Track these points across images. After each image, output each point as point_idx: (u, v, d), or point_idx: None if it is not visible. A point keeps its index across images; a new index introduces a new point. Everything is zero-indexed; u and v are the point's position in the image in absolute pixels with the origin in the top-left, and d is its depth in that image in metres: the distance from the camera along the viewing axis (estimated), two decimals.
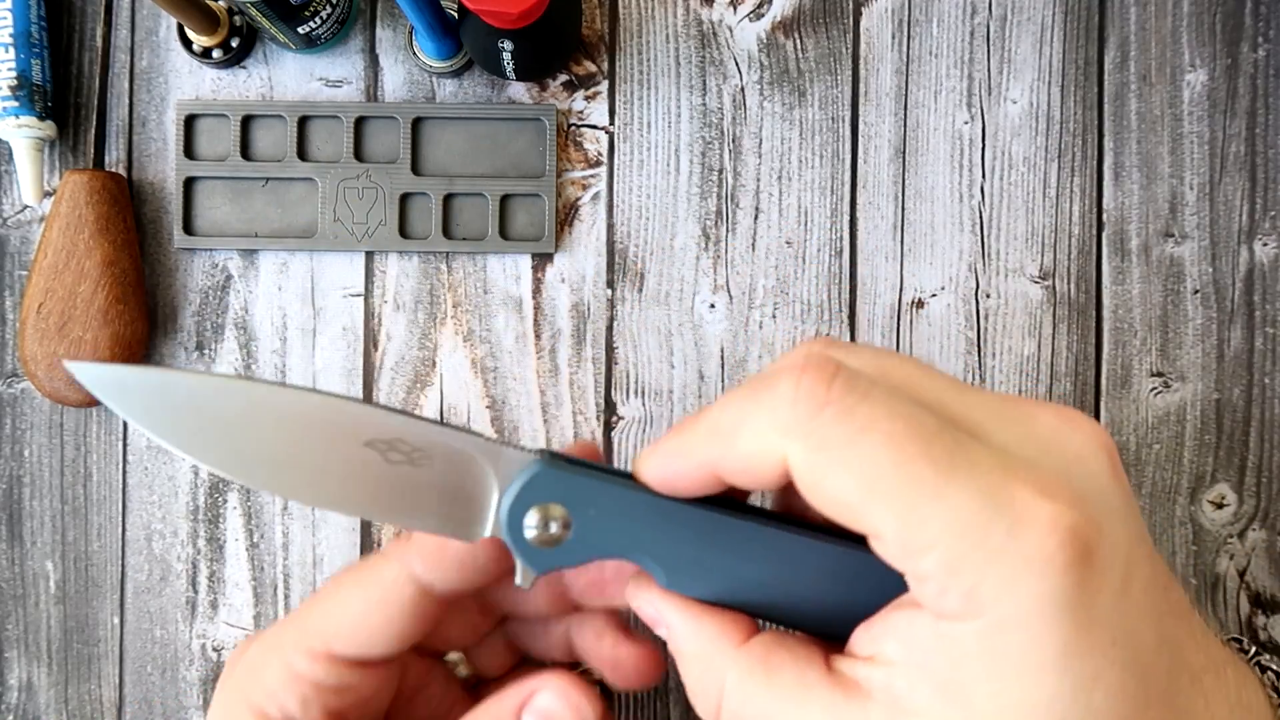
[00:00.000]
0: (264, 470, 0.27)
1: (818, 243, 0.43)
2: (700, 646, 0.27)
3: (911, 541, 0.23)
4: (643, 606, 0.29)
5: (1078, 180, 0.43)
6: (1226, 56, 0.43)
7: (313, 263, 0.43)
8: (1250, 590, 0.42)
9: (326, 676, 0.29)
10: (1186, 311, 0.42)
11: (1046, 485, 0.23)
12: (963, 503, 0.23)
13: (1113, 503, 0.24)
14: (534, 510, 0.27)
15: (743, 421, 0.25)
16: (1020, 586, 0.22)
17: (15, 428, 0.42)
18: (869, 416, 0.23)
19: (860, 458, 0.23)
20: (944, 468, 0.23)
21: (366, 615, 0.29)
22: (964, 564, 0.23)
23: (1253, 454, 0.42)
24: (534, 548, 0.28)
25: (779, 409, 0.24)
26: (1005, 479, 0.23)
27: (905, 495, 0.23)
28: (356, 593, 0.29)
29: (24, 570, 0.42)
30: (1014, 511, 0.22)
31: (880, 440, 0.23)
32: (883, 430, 0.23)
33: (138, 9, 0.43)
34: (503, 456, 0.28)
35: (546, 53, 0.40)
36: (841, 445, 0.23)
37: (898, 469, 0.23)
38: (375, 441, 0.27)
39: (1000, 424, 0.24)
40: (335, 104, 0.42)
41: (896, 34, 0.43)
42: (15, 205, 0.43)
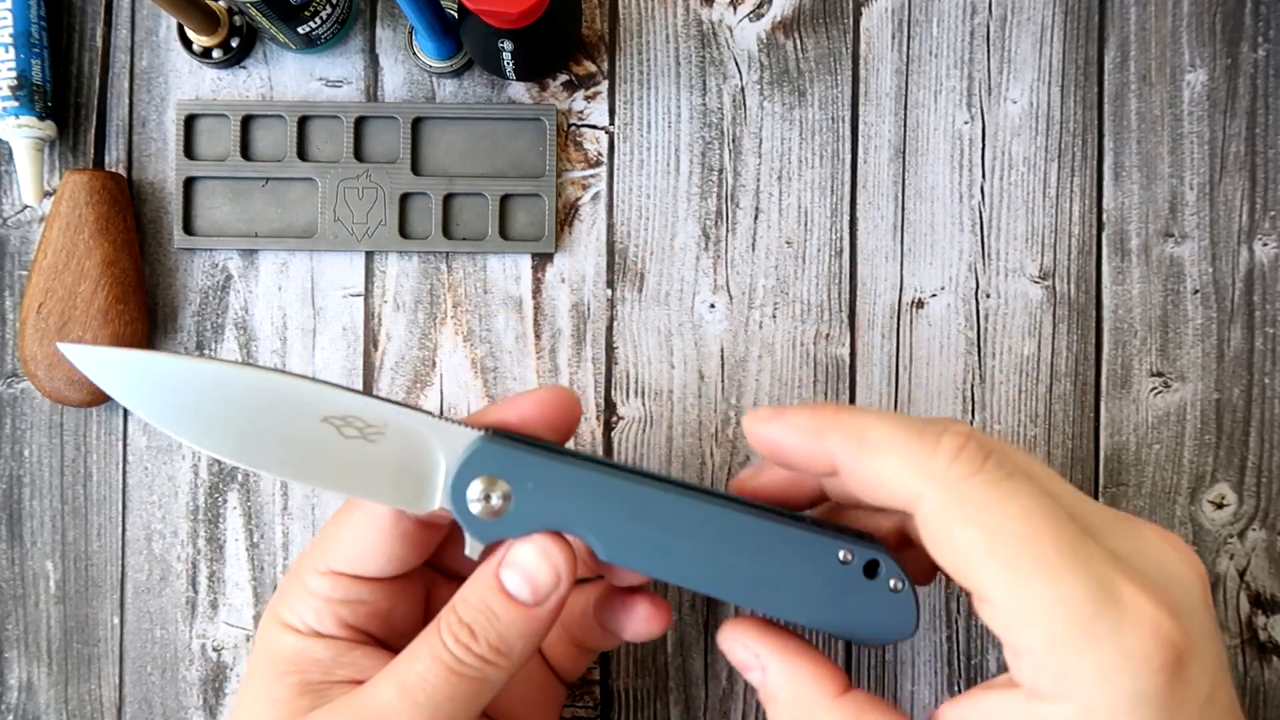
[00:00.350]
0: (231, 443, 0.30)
1: (818, 243, 0.43)
2: (796, 693, 0.30)
3: (1020, 612, 0.25)
4: (737, 650, 0.31)
5: (1078, 180, 0.43)
6: (1226, 56, 0.43)
7: (313, 263, 0.43)
8: (1250, 590, 0.42)
9: (334, 591, 0.31)
10: (1186, 311, 0.42)
11: (1153, 591, 0.25)
12: (1076, 588, 0.25)
13: (1205, 624, 0.26)
14: (476, 483, 0.30)
15: (893, 448, 0.28)
16: (1115, 678, 0.24)
17: (15, 428, 0.42)
18: (1012, 491, 0.26)
19: (994, 522, 0.26)
20: (1066, 552, 0.25)
21: (356, 538, 0.31)
22: (1066, 645, 0.25)
23: (1253, 454, 0.42)
24: (478, 519, 0.30)
25: (936, 458, 0.27)
26: (1117, 576, 0.25)
27: (1025, 566, 0.25)
28: (347, 519, 0.32)
29: (24, 570, 0.42)
30: (1120, 607, 0.25)
31: (1016, 512, 0.26)
32: (1021, 505, 0.26)
33: (138, 9, 0.43)
34: (448, 433, 0.30)
35: (546, 53, 0.40)
36: (980, 506, 0.26)
37: (1025, 541, 0.25)
38: (331, 418, 0.30)
39: (1113, 531, 0.27)
40: (335, 104, 0.42)
41: (896, 34, 0.43)
42: (15, 205, 0.43)
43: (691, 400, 0.42)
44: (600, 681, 0.42)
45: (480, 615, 0.30)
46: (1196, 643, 0.25)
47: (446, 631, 0.30)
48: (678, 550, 0.30)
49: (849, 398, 0.42)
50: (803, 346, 0.42)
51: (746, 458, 0.42)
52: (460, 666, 0.29)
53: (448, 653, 0.29)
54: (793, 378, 0.42)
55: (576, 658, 0.37)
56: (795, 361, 0.42)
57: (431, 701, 0.29)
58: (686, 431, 0.42)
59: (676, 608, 0.42)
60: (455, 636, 0.29)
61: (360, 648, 0.32)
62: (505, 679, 0.30)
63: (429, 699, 0.29)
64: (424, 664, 0.29)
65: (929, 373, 0.42)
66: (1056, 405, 0.42)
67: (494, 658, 0.29)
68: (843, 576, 0.30)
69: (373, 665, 0.31)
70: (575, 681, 0.41)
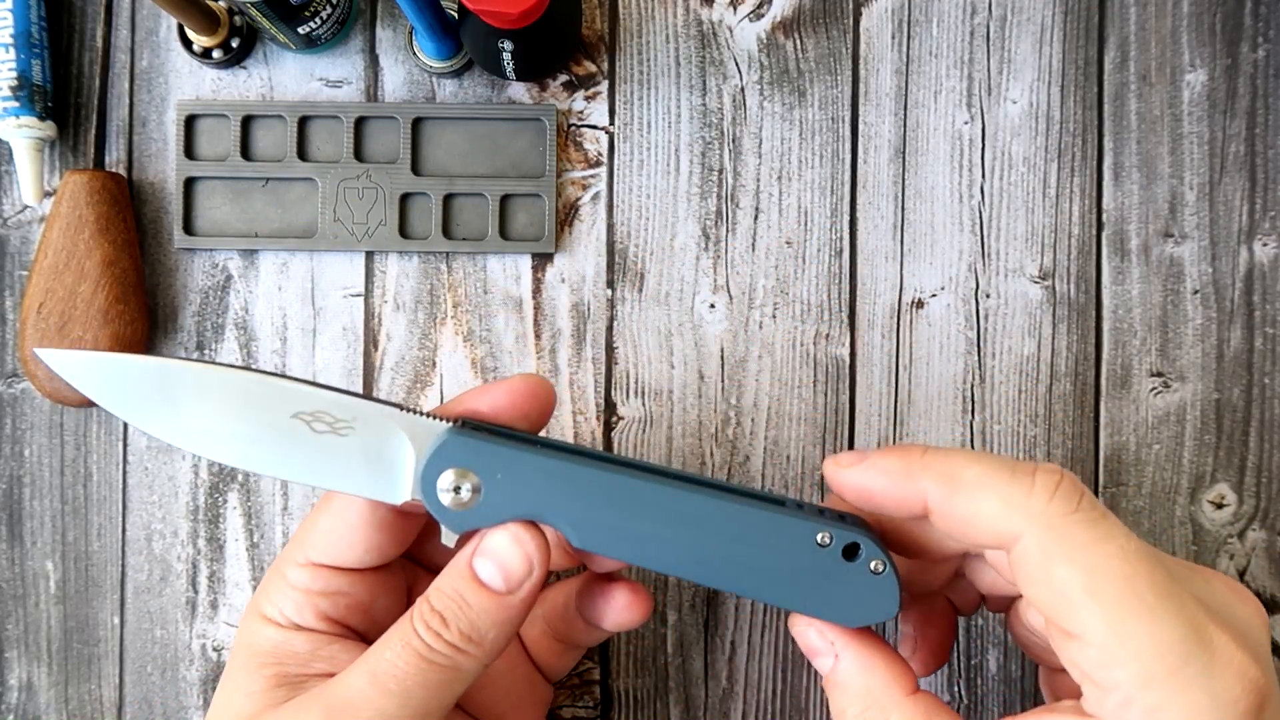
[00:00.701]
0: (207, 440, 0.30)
1: (818, 243, 0.43)
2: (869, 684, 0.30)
3: (1115, 650, 0.26)
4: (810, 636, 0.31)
5: (1078, 180, 0.43)
6: (1226, 56, 0.43)
7: (313, 263, 0.43)
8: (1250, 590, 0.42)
9: (313, 583, 0.32)
10: (1186, 311, 0.42)
11: (1239, 637, 0.26)
12: (1171, 629, 0.25)
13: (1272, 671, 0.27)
14: (446, 475, 0.30)
15: (989, 487, 0.28)
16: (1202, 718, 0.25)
17: (15, 428, 0.42)
18: (1109, 532, 0.27)
19: (1093, 561, 0.26)
20: (1162, 593, 0.26)
21: (333, 527, 0.32)
22: (1158, 684, 0.25)
23: (1253, 454, 0.42)
24: (450, 510, 0.30)
25: (1034, 497, 0.27)
26: (1209, 621, 0.26)
27: (1123, 605, 0.26)
28: (325, 509, 0.32)
29: (24, 570, 0.42)
30: (1212, 651, 0.25)
31: (1116, 552, 0.26)
32: (1119, 545, 0.26)
33: (138, 9, 0.43)
34: (418, 425, 0.30)
35: (546, 53, 0.40)
36: (1081, 545, 0.27)
37: (1124, 581, 0.26)
38: (300, 414, 0.30)
39: (1189, 577, 0.28)
40: (335, 104, 0.42)
41: (896, 34, 0.43)
42: (15, 205, 0.43)
43: (691, 400, 0.42)
44: (600, 681, 0.42)
45: (452, 603, 0.30)
46: (1272, 688, 0.26)
47: (419, 619, 0.30)
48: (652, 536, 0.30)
49: (849, 398, 0.42)
50: (803, 346, 0.42)
51: (746, 458, 0.42)
52: (431, 654, 0.29)
53: (419, 640, 0.29)
54: (793, 378, 0.42)
55: (561, 654, 0.37)
56: (795, 361, 0.42)
57: (403, 689, 0.28)
58: (686, 431, 0.42)
59: (676, 608, 0.42)
60: (427, 624, 0.29)
61: (339, 641, 0.32)
62: (478, 669, 0.30)
63: (400, 686, 0.28)
64: (395, 651, 0.29)
65: (929, 373, 0.42)
66: (1056, 405, 0.42)
67: (466, 646, 0.29)
68: (822, 559, 0.30)
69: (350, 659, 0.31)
70: (562, 679, 0.41)
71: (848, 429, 0.42)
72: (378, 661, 0.29)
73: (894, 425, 0.42)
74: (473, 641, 0.29)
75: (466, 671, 0.30)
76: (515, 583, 0.30)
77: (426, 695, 0.29)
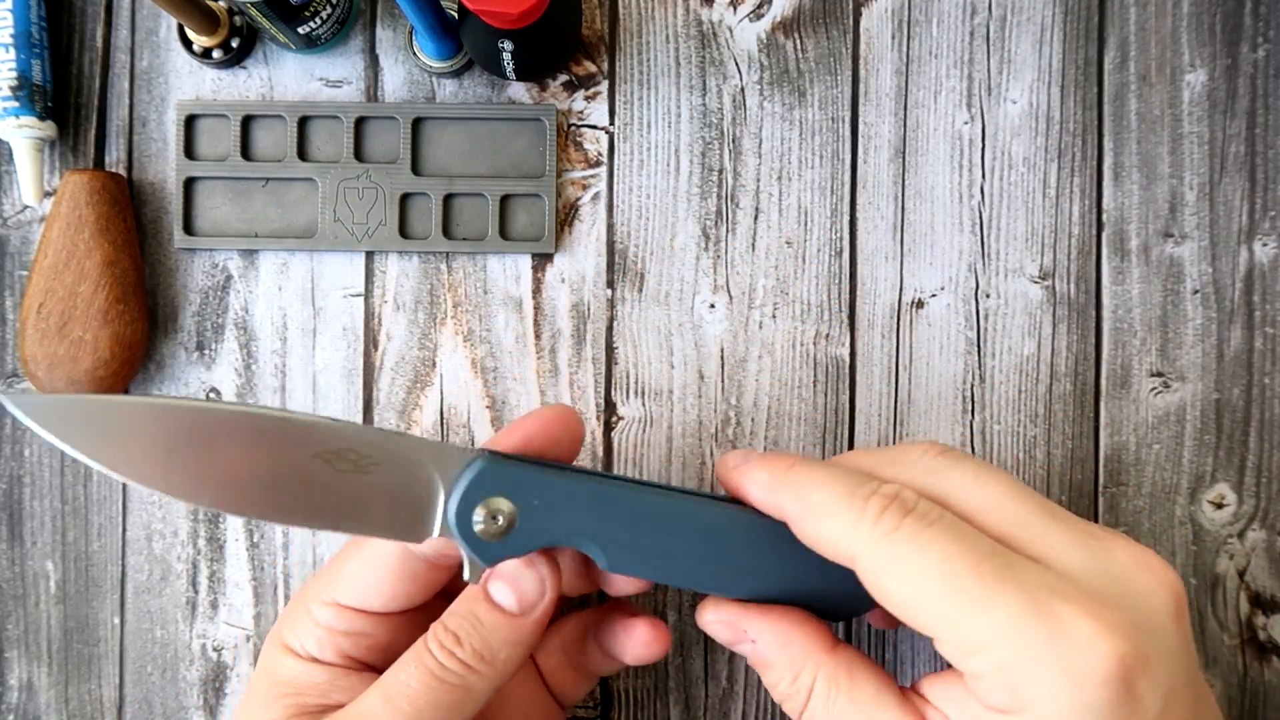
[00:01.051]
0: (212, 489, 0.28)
1: (818, 243, 0.43)
2: (790, 655, 0.31)
3: (962, 644, 0.28)
4: (720, 630, 0.33)
5: (1078, 180, 0.43)
6: (1226, 56, 0.43)
7: (313, 263, 0.43)
8: (1250, 590, 0.42)
9: (337, 623, 0.32)
10: (1186, 311, 0.42)
11: (1095, 609, 0.27)
12: (1006, 615, 0.27)
13: (1166, 642, 0.28)
14: (481, 505, 0.30)
15: (829, 511, 0.30)
16: (1060, 693, 0.26)
17: (15, 428, 0.42)
18: (930, 540, 0.28)
19: (916, 571, 0.28)
20: (991, 584, 0.27)
21: (360, 573, 0.32)
22: (1009, 668, 0.27)
23: (1253, 454, 0.42)
24: (483, 541, 0.30)
25: (863, 522, 0.29)
26: (1052, 598, 0.27)
27: (952, 605, 0.27)
28: (356, 553, 0.33)
29: (24, 570, 0.42)
30: (1057, 625, 0.26)
31: (935, 558, 0.28)
32: (939, 551, 0.28)
33: (138, 9, 0.43)
34: (447, 456, 0.30)
35: (546, 53, 0.40)
36: (903, 560, 0.28)
37: (948, 583, 0.27)
38: (323, 452, 0.29)
39: (1074, 552, 0.29)
40: (335, 104, 0.42)
41: (896, 34, 0.43)
42: (15, 205, 0.43)
43: (691, 400, 0.42)
44: (600, 681, 0.42)
45: (466, 623, 0.30)
46: (1149, 658, 0.27)
47: (433, 640, 0.30)
48: (679, 552, 0.31)
49: (849, 398, 0.42)
50: (803, 346, 0.42)
51: None
52: (444, 673, 0.29)
53: (432, 659, 0.29)
54: (793, 378, 0.42)
55: (576, 682, 0.37)
56: (795, 362, 0.42)
57: (415, 708, 0.29)
58: (686, 431, 0.42)
59: (676, 608, 0.42)
60: (441, 644, 0.30)
61: (358, 674, 0.32)
62: (489, 690, 0.30)
63: (413, 706, 0.29)
64: (408, 672, 0.29)
65: (929, 373, 0.42)
66: (1056, 405, 0.42)
67: (478, 664, 0.30)
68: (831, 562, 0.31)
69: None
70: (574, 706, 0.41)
71: (848, 429, 0.42)
72: (392, 683, 0.29)
73: (894, 425, 0.42)
74: (485, 661, 0.30)
75: (478, 692, 0.30)
76: (528, 604, 0.30)
77: (438, 715, 0.29)
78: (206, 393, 0.42)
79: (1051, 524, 0.30)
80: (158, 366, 0.43)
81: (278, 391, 0.42)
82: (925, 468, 0.31)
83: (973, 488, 0.30)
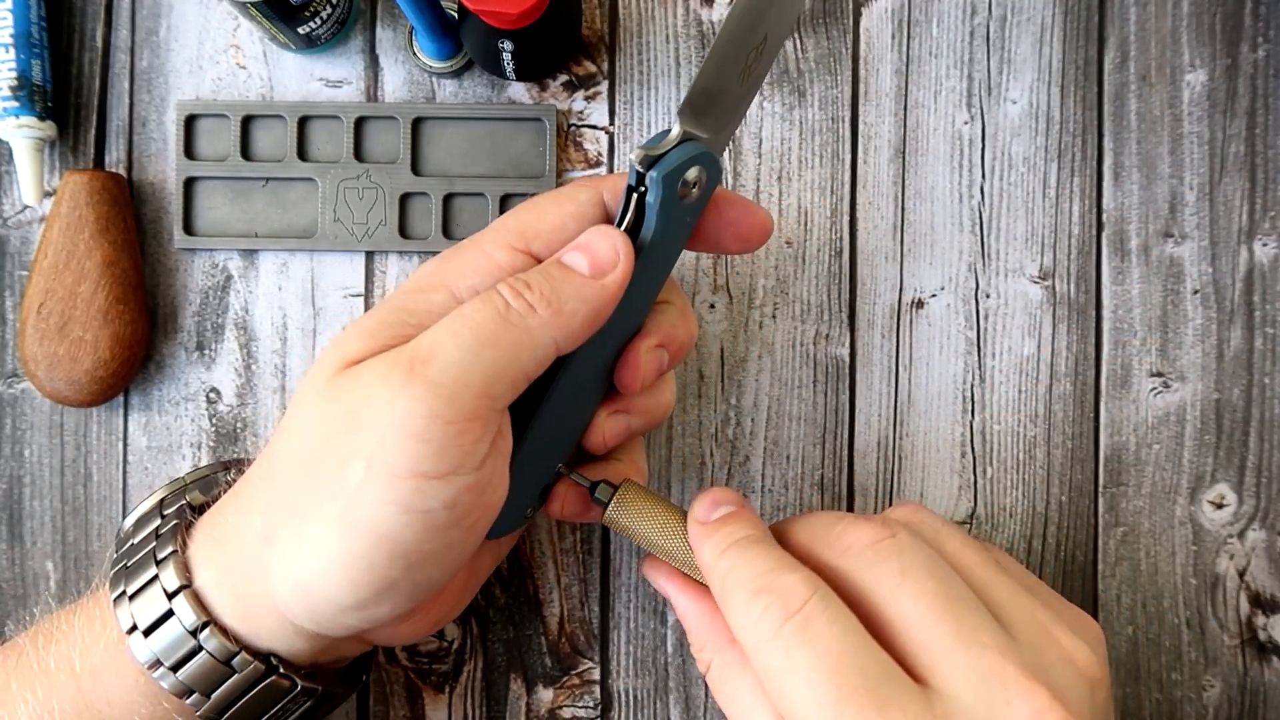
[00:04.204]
0: None
1: (818, 243, 0.43)
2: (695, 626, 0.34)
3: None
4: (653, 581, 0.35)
5: (1078, 180, 0.43)
6: (1226, 56, 0.43)
7: (313, 263, 0.43)
8: (1250, 590, 0.42)
9: (520, 268, 0.31)
10: (1186, 311, 0.42)
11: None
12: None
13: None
14: (692, 170, 0.31)
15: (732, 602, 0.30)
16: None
17: (15, 428, 0.42)
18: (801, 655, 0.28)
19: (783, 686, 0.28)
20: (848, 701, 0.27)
21: (563, 223, 0.32)
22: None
23: (1253, 454, 0.42)
24: (680, 203, 0.31)
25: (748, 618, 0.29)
26: (888, 705, 0.27)
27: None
28: (554, 208, 0.32)
29: (24, 570, 0.42)
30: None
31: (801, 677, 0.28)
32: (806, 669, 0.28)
33: (138, 9, 0.43)
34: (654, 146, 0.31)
35: (546, 53, 0.40)
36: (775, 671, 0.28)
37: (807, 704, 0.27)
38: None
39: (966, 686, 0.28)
40: (335, 104, 0.42)
41: (896, 34, 0.43)
42: (15, 205, 0.43)
43: (691, 400, 0.42)
44: (600, 681, 0.42)
45: (537, 274, 0.30)
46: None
47: (504, 284, 0.30)
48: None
49: (849, 398, 0.42)
50: (803, 346, 0.42)
51: (746, 458, 0.42)
52: (507, 311, 0.29)
53: (499, 298, 0.29)
54: (792, 378, 0.42)
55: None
56: (795, 361, 0.42)
57: (477, 340, 0.28)
58: (687, 431, 0.42)
59: None
60: (511, 286, 0.30)
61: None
62: (549, 342, 0.30)
63: (474, 336, 0.28)
64: (473, 307, 0.29)
65: (929, 373, 0.42)
66: (1056, 405, 0.42)
67: (541, 307, 0.29)
68: None
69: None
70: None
71: (848, 429, 0.42)
72: (458, 315, 0.29)
73: (894, 425, 0.42)
74: (550, 305, 0.29)
75: (538, 337, 0.29)
76: (601, 269, 0.30)
77: (497, 355, 0.29)
78: (206, 393, 0.42)
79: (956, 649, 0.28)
80: (158, 366, 0.43)
81: (277, 391, 0.42)
82: (857, 557, 0.31)
83: (892, 593, 0.29)
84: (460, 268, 0.31)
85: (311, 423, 0.29)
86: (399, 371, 0.28)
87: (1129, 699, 0.42)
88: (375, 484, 0.28)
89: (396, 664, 0.42)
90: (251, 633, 0.31)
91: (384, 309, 0.31)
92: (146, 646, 0.30)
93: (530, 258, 0.31)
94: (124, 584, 0.31)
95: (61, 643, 0.31)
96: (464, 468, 0.28)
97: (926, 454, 0.42)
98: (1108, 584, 0.42)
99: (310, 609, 0.29)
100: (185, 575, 0.31)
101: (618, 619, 0.42)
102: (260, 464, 0.31)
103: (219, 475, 0.36)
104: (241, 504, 0.31)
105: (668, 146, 0.30)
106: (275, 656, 0.31)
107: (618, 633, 0.42)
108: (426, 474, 0.28)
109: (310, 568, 0.29)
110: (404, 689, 0.42)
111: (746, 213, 0.34)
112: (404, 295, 0.31)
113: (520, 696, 0.42)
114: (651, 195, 0.31)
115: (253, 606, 0.30)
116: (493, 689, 0.42)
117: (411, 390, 0.27)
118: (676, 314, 0.34)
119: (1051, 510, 0.42)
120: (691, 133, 0.31)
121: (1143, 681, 0.42)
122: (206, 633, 0.30)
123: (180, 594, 0.30)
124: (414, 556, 0.29)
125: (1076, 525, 0.42)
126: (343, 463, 0.28)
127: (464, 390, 0.28)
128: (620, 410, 0.35)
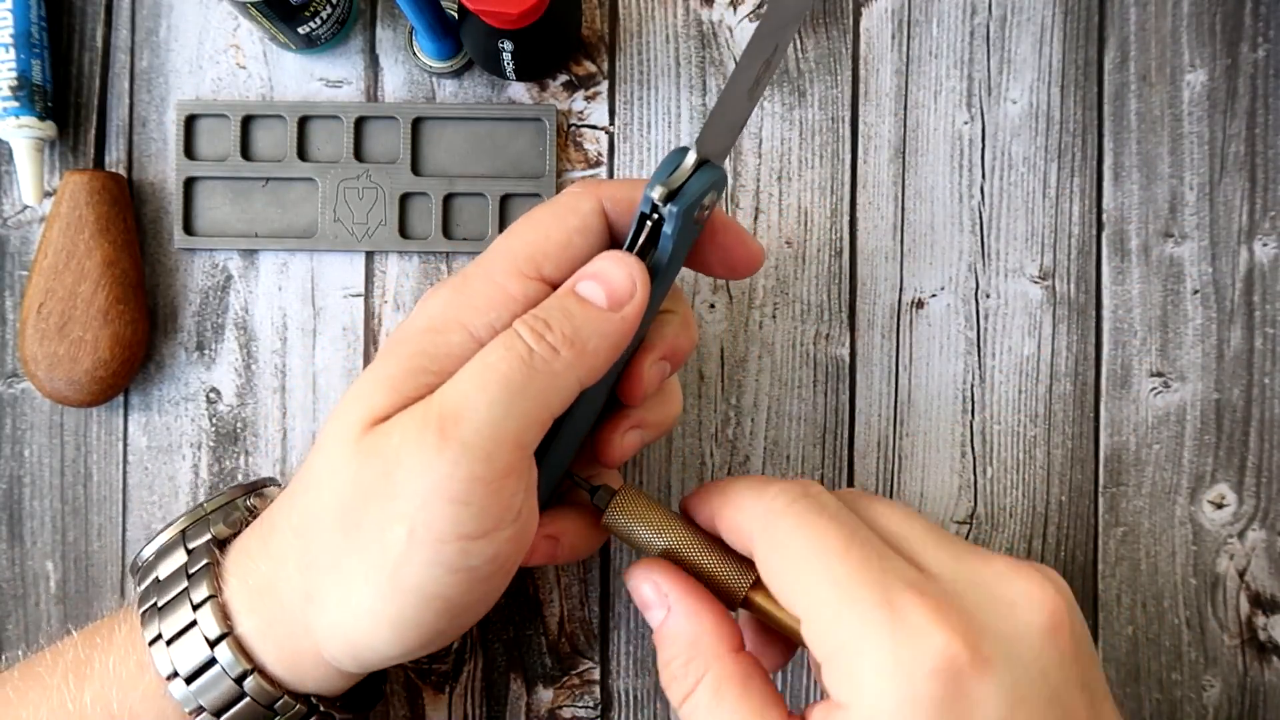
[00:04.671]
0: None
1: (818, 243, 0.43)
2: (696, 635, 0.31)
3: (816, 624, 0.29)
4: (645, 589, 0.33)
5: (1078, 180, 0.43)
6: (1226, 56, 0.43)
7: (313, 263, 0.43)
8: (1250, 590, 0.42)
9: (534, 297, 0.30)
10: (1186, 311, 0.42)
11: (938, 604, 0.27)
12: (856, 600, 0.28)
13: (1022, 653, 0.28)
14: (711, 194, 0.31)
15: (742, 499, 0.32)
16: (888, 681, 0.27)
17: (15, 428, 0.42)
18: (812, 522, 0.30)
19: (793, 549, 0.29)
20: (853, 568, 0.28)
21: (569, 239, 0.31)
22: (849, 651, 0.27)
23: (1253, 454, 0.42)
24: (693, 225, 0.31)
25: (760, 502, 0.31)
26: (906, 592, 0.28)
27: (814, 583, 0.29)
28: (558, 224, 0.31)
29: (24, 570, 0.42)
30: (898, 617, 0.27)
31: (813, 538, 0.29)
32: (818, 532, 0.29)
33: (138, 9, 0.43)
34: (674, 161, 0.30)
35: (546, 53, 0.40)
36: (785, 534, 0.30)
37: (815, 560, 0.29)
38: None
39: (949, 560, 0.30)
40: (335, 104, 0.42)
41: (896, 34, 0.43)
42: (15, 205, 0.43)
43: (691, 400, 0.42)
44: (600, 681, 0.42)
45: (556, 312, 0.29)
46: (990, 661, 0.27)
47: (521, 324, 0.29)
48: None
49: (849, 398, 0.42)
50: (803, 346, 0.42)
51: (746, 458, 0.42)
52: (532, 358, 0.28)
53: (521, 343, 0.29)
54: (792, 378, 0.42)
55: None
56: (795, 361, 0.42)
57: (506, 392, 0.28)
58: (687, 432, 0.42)
59: None
60: (530, 328, 0.29)
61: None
62: (574, 381, 0.29)
63: (502, 389, 0.28)
64: (497, 354, 0.29)
65: (929, 373, 0.42)
66: (1056, 405, 0.42)
67: (564, 348, 0.29)
68: None
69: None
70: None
71: (848, 429, 0.42)
72: (483, 365, 0.28)
73: (894, 425, 0.42)
74: (573, 346, 0.29)
75: (564, 380, 0.29)
76: (618, 300, 0.30)
77: (526, 405, 0.28)
78: (206, 393, 0.42)
79: (939, 544, 0.30)
80: (158, 366, 0.43)
81: (278, 391, 0.42)
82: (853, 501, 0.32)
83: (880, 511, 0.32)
84: (474, 302, 0.30)
85: (343, 485, 0.29)
86: (430, 433, 0.28)
87: (1129, 699, 0.42)
88: (420, 549, 0.28)
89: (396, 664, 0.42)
90: (296, 679, 0.31)
91: (400, 352, 0.30)
92: (189, 692, 0.30)
93: (542, 283, 0.31)
94: (158, 625, 0.31)
95: (94, 682, 0.31)
96: (504, 521, 0.29)
97: (926, 454, 0.42)
98: (1108, 584, 0.42)
99: (357, 659, 0.30)
100: (225, 623, 0.31)
101: (618, 619, 0.42)
102: (288, 515, 0.31)
103: (238, 501, 0.35)
104: (274, 556, 0.31)
105: (685, 176, 0.30)
106: (315, 696, 0.32)
107: (618, 633, 0.42)
108: (470, 535, 0.28)
109: (360, 627, 0.29)
110: (404, 689, 0.42)
111: (740, 242, 0.34)
112: (420, 336, 0.30)
113: (520, 696, 0.42)
114: (669, 226, 0.30)
115: (298, 656, 0.31)
116: (493, 689, 0.42)
117: (447, 454, 0.27)
118: (679, 324, 0.34)
119: (1051, 510, 0.42)
120: (706, 158, 0.30)
121: (1143, 681, 0.42)
122: (251, 680, 0.30)
123: (222, 642, 0.30)
124: (459, 607, 0.29)
125: (1076, 525, 0.42)
126: (383, 528, 0.28)
127: (498, 449, 0.28)
128: (635, 426, 0.35)
